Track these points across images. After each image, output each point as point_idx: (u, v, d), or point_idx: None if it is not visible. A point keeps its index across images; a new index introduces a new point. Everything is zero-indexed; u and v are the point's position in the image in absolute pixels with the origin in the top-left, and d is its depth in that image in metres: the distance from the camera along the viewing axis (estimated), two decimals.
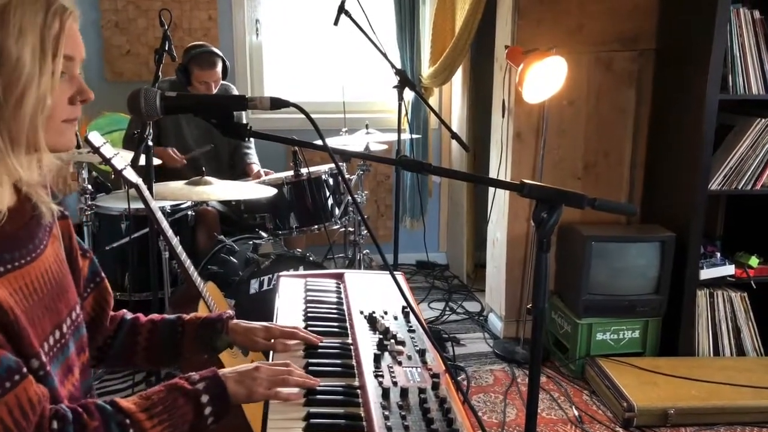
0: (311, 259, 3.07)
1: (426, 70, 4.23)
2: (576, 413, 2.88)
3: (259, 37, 4.31)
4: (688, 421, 2.79)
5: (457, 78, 4.28)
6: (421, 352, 1.41)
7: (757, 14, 2.98)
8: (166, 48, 2.66)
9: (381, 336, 1.47)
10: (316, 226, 3.23)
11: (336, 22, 3.18)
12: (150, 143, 2.51)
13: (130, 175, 2.01)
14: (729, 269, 3.17)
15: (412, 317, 1.59)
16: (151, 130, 2.50)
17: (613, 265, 3.17)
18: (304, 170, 3.17)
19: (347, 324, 1.57)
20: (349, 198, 3.33)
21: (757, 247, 3.24)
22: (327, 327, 1.53)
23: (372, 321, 1.54)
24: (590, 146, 3.44)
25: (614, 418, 2.85)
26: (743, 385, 2.91)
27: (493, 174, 3.66)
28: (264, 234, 3.23)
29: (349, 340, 1.49)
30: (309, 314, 1.60)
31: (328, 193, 3.27)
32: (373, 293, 1.75)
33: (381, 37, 3.13)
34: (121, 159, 1.95)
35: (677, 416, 2.77)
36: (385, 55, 3.13)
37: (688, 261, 3.11)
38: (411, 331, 1.53)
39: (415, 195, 4.41)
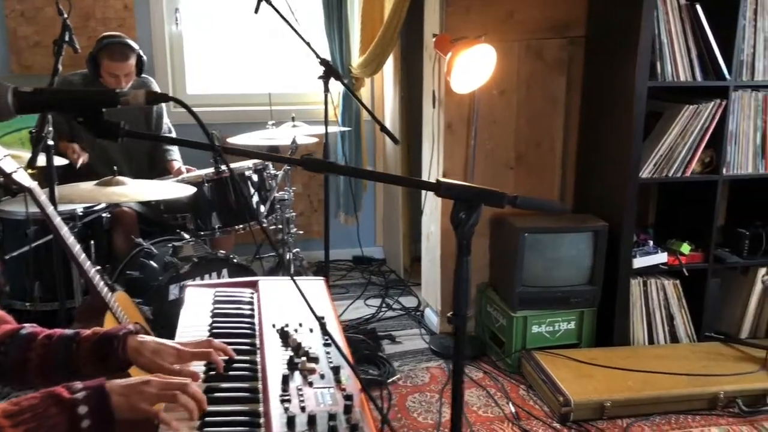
0: (235, 261, 2.92)
1: (356, 59, 4.10)
2: (512, 410, 2.82)
3: (179, 27, 4.09)
4: (625, 413, 2.77)
5: (389, 68, 4.17)
6: (336, 370, 1.29)
7: (683, 0, 2.95)
8: (67, 39, 2.46)
9: (292, 353, 1.34)
10: (240, 226, 3.07)
11: (256, 10, 3.02)
12: (50, 142, 2.32)
13: (22, 178, 1.82)
14: (661, 257, 3.16)
15: (330, 328, 1.47)
16: (51, 128, 2.30)
17: (547, 257, 3.12)
18: (225, 167, 3.00)
19: (257, 340, 1.43)
20: (276, 194, 3.18)
21: (688, 233, 3.24)
22: (233, 345, 1.39)
23: (284, 335, 1.41)
24: (522, 136, 3.38)
25: (551, 413, 2.80)
26: (677, 373, 2.90)
27: (425, 166, 3.57)
28: (186, 235, 3.06)
29: (258, 359, 1.36)
30: (214, 330, 1.46)
31: (252, 191, 3.11)
32: (291, 302, 1.62)
33: (308, 26, 2.99)
34: (11, 161, 1.77)
35: (613, 408, 2.74)
36: (308, 44, 2.98)
37: (621, 250, 3.08)
38: (327, 344, 1.40)
39: (348, 189, 4.28)
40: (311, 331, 1.46)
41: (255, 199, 3.13)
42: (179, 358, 1.30)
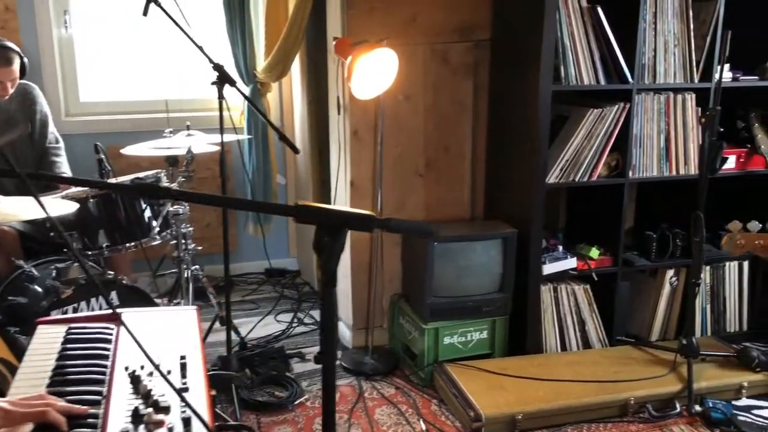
0: (124, 282, 2.71)
1: (262, 63, 3.93)
2: (423, 427, 2.72)
3: (69, 30, 3.82)
4: (537, 425, 2.70)
5: (297, 72, 4.02)
6: (187, 421, 1.13)
7: (584, 2, 2.92)
8: None
9: (142, 401, 1.18)
10: (131, 243, 2.86)
11: (145, 13, 2.83)
12: None
13: None
14: (571, 262, 3.12)
15: (191, 368, 1.32)
16: None
17: (457, 265, 3.04)
18: (112, 180, 2.79)
19: (105, 387, 1.26)
20: (170, 209, 2.98)
21: (597, 237, 3.22)
22: (75, 395, 1.21)
23: (135, 381, 1.25)
24: (430, 142, 3.29)
25: (463, 429, 2.71)
26: (588, 380, 2.87)
27: (333, 174, 3.43)
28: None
29: (102, 411, 1.19)
30: (56, 377, 1.28)
31: (144, 205, 2.90)
32: (156, 338, 1.46)
33: (210, 29, 2.81)
34: None
35: (525, 421, 2.67)
36: (200, 48, 2.80)
37: (531, 256, 3.03)
38: (184, 390, 1.25)
39: (258, 198, 4.09)
40: (169, 372, 1.30)
41: (147, 214, 2.92)
42: (7, 419, 1.11)
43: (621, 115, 3.00)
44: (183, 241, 3.08)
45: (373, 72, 2.81)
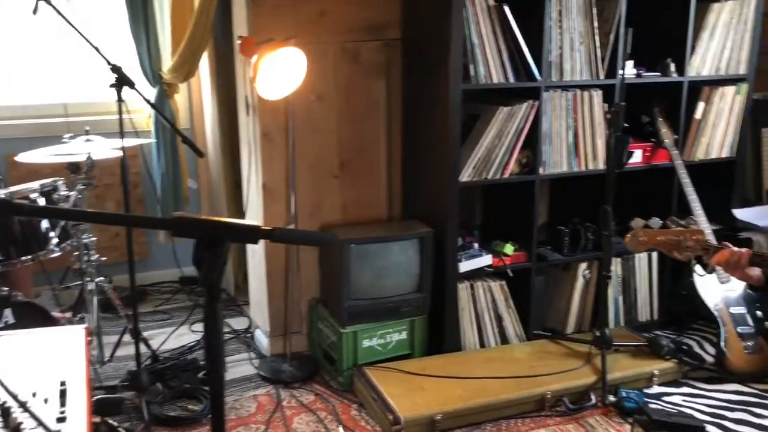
0: (19, 298, 2.54)
1: (168, 63, 3.78)
2: None
3: None
4: (456, 424, 2.69)
5: (206, 73, 3.89)
6: None
7: (491, 1, 2.93)
8: None
9: None
10: (26, 257, 2.68)
11: (35, 11, 2.67)
12: None
13: None
14: (486, 259, 3.13)
15: (71, 395, 1.22)
16: None
17: (375, 267, 3.00)
18: (1, 191, 2.61)
19: None
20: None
21: (512, 234, 3.25)
22: None
23: (5, 414, 1.14)
24: (345, 143, 3.24)
25: None
26: (506, 376, 2.88)
27: (245, 178, 3.33)
28: None
29: None
30: None
31: None
32: (34, 363, 1.34)
33: (113, 28, 2.66)
34: None
35: (445, 421, 2.66)
36: (97, 49, 2.67)
37: (446, 255, 3.02)
38: (62, 420, 1.15)
39: (168, 204, 3.94)
40: (46, 401, 1.20)
41: (44, 225, 2.75)
42: None
43: (531, 112, 3.03)
44: (85, 252, 2.91)
45: (279, 72, 2.73)
